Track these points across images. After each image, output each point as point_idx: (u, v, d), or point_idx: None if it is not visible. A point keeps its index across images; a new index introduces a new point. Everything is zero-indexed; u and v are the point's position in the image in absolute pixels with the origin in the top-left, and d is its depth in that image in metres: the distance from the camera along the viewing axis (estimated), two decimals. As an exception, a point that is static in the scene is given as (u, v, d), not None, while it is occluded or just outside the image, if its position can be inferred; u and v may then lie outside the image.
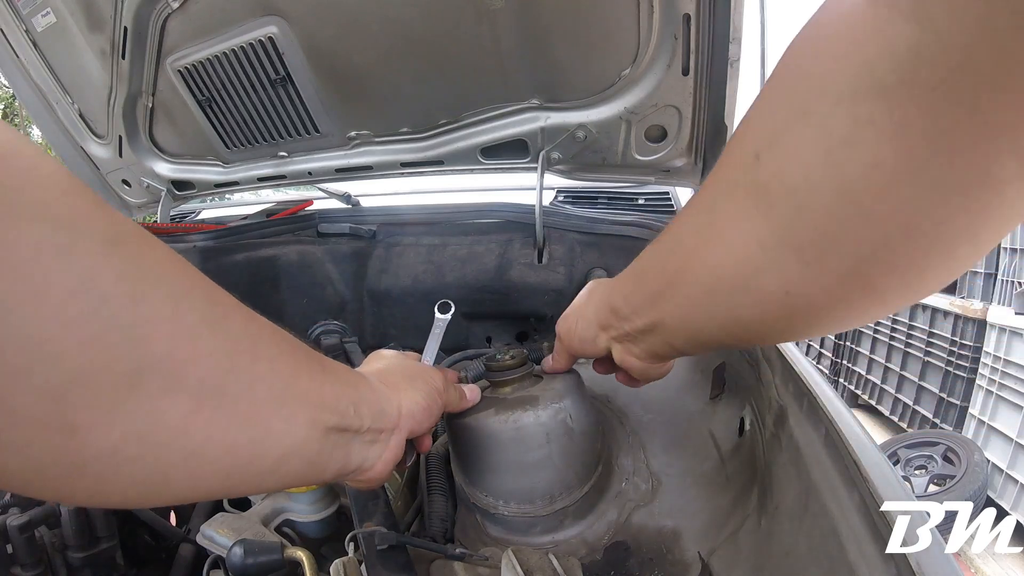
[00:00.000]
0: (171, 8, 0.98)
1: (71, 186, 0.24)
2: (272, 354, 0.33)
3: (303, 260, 1.15)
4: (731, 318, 0.35)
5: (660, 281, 0.39)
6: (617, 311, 0.47)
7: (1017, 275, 2.35)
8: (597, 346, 0.51)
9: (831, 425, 0.40)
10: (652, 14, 0.79)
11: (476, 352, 0.93)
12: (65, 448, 0.23)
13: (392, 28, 0.91)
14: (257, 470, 0.32)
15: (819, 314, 0.30)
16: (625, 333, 0.47)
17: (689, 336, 0.41)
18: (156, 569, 0.76)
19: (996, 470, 2.29)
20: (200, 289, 0.29)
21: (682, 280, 0.37)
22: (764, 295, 0.31)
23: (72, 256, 0.23)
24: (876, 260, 0.26)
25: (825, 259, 0.27)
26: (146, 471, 0.26)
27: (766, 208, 0.28)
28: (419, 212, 1.32)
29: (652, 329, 0.43)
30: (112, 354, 0.24)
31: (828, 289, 0.28)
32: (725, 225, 0.31)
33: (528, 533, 0.59)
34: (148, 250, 0.26)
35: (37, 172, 0.23)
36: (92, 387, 0.23)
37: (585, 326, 0.52)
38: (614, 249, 1.03)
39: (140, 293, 0.25)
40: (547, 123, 1.00)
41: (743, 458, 0.57)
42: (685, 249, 0.36)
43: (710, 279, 0.34)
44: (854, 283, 0.27)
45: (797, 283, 0.29)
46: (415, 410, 0.46)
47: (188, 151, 1.33)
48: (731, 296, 0.33)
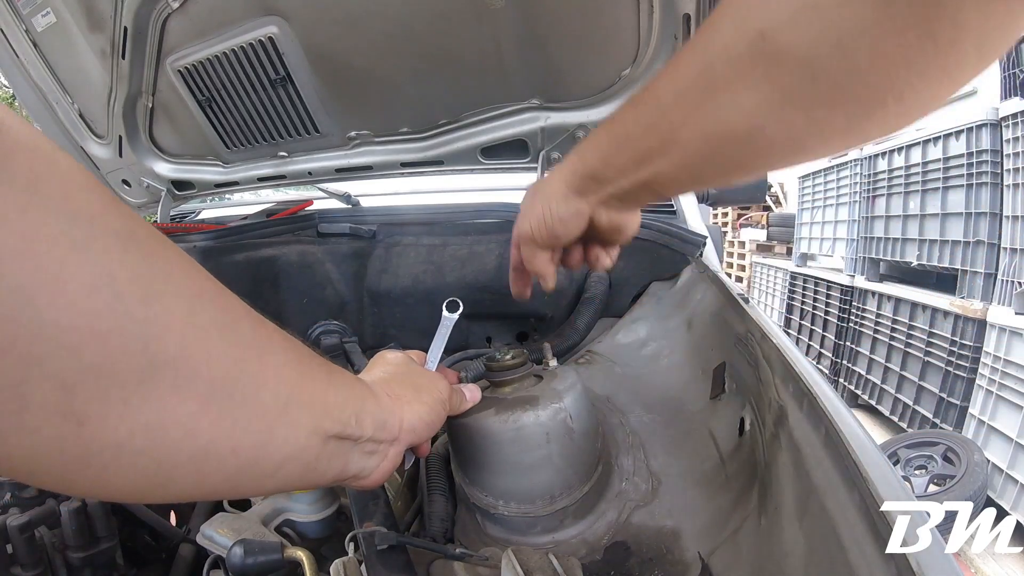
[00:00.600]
0: (171, 8, 0.98)
1: (87, 181, 0.24)
2: (279, 360, 0.33)
3: (303, 260, 1.15)
4: (728, 164, 0.40)
5: (651, 140, 0.42)
6: (597, 175, 0.48)
7: (1017, 275, 2.35)
8: (581, 216, 0.52)
9: (831, 425, 0.40)
10: (652, 14, 0.79)
11: (476, 352, 0.93)
12: (73, 438, 0.23)
13: (392, 28, 0.91)
14: (259, 472, 0.32)
15: (812, 154, 0.37)
16: (610, 195, 0.49)
17: (683, 185, 0.46)
18: (156, 569, 0.76)
19: (996, 470, 2.29)
20: (211, 291, 0.29)
21: (679, 137, 0.40)
22: (769, 145, 0.36)
23: (89, 251, 0.23)
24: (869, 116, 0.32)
25: (832, 117, 0.32)
26: (150, 466, 0.27)
27: (776, 76, 0.32)
28: (419, 212, 1.32)
29: (645, 185, 0.45)
30: (126, 349, 0.24)
31: (827, 139, 0.34)
32: (728, 89, 0.35)
33: (528, 533, 0.59)
34: (161, 249, 0.27)
35: (56, 166, 0.23)
36: (104, 380, 0.24)
37: (559, 202, 0.52)
38: (614, 249, 1.03)
39: (154, 291, 0.25)
40: (547, 123, 1.00)
41: (743, 458, 0.57)
42: (680, 111, 0.39)
43: (714, 135, 0.38)
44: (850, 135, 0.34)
45: (802, 135, 0.35)
46: (417, 424, 0.46)
47: (188, 151, 1.33)
48: (734, 147, 0.38)
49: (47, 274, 0.21)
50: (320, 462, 0.37)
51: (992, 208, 2.51)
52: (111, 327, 0.23)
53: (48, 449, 0.23)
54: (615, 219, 0.52)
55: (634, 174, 0.45)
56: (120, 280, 0.24)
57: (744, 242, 5.93)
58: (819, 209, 4.13)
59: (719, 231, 2.43)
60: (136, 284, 0.25)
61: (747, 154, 0.38)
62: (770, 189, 5.72)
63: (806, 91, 0.32)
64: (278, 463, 0.33)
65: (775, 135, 0.35)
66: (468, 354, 0.92)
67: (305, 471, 0.36)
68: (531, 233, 0.55)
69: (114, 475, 0.26)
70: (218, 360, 0.28)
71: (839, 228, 3.81)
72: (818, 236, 4.14)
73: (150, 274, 0.25)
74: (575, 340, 0.96)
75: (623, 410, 0.75)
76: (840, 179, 3.80)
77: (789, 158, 0.37)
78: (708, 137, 0.38)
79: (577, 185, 0.50)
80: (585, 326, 0.97)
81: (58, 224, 0.22)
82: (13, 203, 0.21)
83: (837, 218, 3.83)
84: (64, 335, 0.22)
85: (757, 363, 0.58)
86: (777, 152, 0.37)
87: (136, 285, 0.24)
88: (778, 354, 0.54)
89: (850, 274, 3.61)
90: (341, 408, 0.38)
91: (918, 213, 2.93)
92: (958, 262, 2.65)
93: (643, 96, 0.42)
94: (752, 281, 5.48)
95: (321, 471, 0.37)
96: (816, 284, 4.04)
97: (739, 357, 0.65)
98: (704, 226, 1.15)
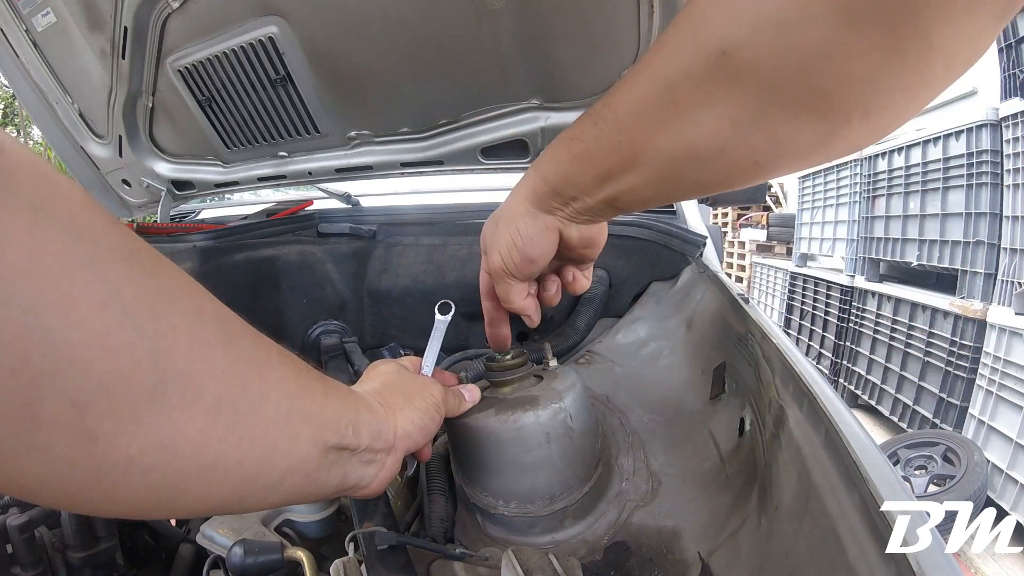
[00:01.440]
0: (171, 8, 0.98)
1: (89, 202, 0.25)
2: (278, 374, 0.33)
3: (303, 260, 1.15)
4: (693, 183, 0.39)
5: (612, 159, 0.41)
6: (561, 193, 0.46)
7: (1017, 275, 2.35)
8: (551, 232, 0.49)
9: (831, 425, 0.40)
10: (652, 14, 0.79)
11: (476, 352, 0.93)
12: (85, 456, 0.23)
13: (392, 28, 0.91)
14: (263, 484, 0.33)
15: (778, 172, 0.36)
16: (576, 211, 0.47)
17: (648, 203, 0.44)
18: (156, 569, 0.76)
19: (996, 470, 2.29)
20: (211, 308, 0.30)
21: (641, 157, 0.39)
22: (733, 165, 0.35)
23: (96, 268, 0.23)
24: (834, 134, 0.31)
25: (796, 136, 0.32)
26: (160, 482, 0.27)
27: (738, 95, 0.32)
28: (419, 212, 1.32)
29: (609, 203, 0.44)
30: (137, 366, 0.24)
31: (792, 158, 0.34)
32: (690, 108, 0.34)
33: (528, 533, 0.58)
34: (162, 267, 0.27)
35: (59, 187, 0.23)
36: (116, 396, 0.23)
37: (526, 222, 0.49)
38: (613, 248, 1.03)
39: (160, 309, 0.26)
40: (547, 123, 1.00)
41: (743, 458, 0.57)
42: (641, 130, 0.38)
43: (676, 155, 0.37)
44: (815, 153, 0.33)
45: (766, 154, 0.34)
46: (411, 430, 0.46)
47: (188, 151, 1.33)
48: (697, 167, 0.37)
49: (57, 292, 0.21)
50: (320, 473, 0.37)
51: (992, 208, 2.51)
52: (121, 343, 0.23)
53: (59, 468, 0.23)
54: (586, 233, 0.50)
55: (597, 192, 0.44)
56: (128, 297, 0.24)
57: (744, 242, 5.93)
58: (819, 209, 4.13)
59: (719, 231, 2.43)
60: (143, 301, 0.25)
61: (711, 173, 0.37)
62: (770, 189, 5.71)
63: (769, 111, 0.31)
64: (282, 474, 0.33)
65: (739, 155, 0.34)
66: (468, 354, 0.92)
67: (306, 482, 0.36)
68: (502, 265, 0.51)
69: (124, 492, 0.26)
70: (223, 375, 0.29)
71: (839, 228, 3.81)
72: (818, 236, 4.14)
73: (155, 291, 0.26)
74: (575, 340, 0.96)
75: (623, 410, 0.75)
76: (840, 179, 3.81)
77: (755, 177, 0.36)
78: (671, 157, 0.37)
79: (540, 203, 0.48)
80: (585, 326, 0.97)
81: (64, 243, 0.22)
82: (21, 222, 0.21)
83: (837, 218, 3.83)
84: (75, 352, 0.22)
85: (757, 363, 0.58)
86: (742, 171, 0.36)
87: (143, 302, 0.25)
88: (778, 354, 0.54)
89: (850, 274, 3.61)
90: (338, 419, 0.38)
91: (918, 213, 2.93)
92: (958, 262, 2.65)
93: (602, 112, 0.41)
94: (752, 281, 5.48)
95: (322, 482, 0.38)
96: (816, 284, 4.04)
97: (739, 357, 0.65)
98: (704, 226, 1.15)
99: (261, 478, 0.32)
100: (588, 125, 0.42)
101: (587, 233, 0.50)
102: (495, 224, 0.51)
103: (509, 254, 0.50)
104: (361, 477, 0.42)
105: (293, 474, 0.34)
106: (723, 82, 0.32)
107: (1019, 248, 2.37)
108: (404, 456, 0.47)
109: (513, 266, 0.50)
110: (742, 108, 0.32)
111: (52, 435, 0.22)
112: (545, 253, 0.50)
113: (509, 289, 0.52)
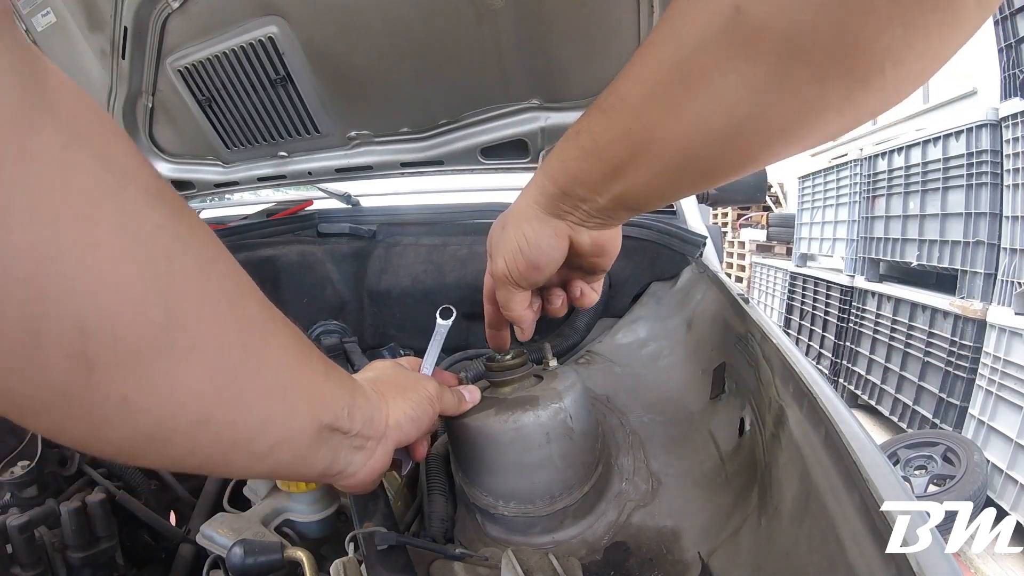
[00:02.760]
0: (171, 8, 0.98)
1: (123, 135, 0.25)
2: (282, 343, 0.33)
3: (303, 260, 1.15)
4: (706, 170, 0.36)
5: (622, 150, 0.38)
6: (570, 194, 0.43)
7: (1017, 275, 2.35)
8: (561, 238, 0.46)
9: (831, 425, 0.40)
10: (652, 14, 0.79)
11: (476, 352, 0.93)
12: (81, 383, 0.23)
13: (392, 28, 0.91)
14: (252, 450, 0.32)
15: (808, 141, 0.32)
16: (587, 214, 0.44)
17: (659, 198, 0.41)
18: (156, 569, 0.76)
19: (996, 470, 2.29)
20: (224, 260, 0.29)
21: (652, 145, 0.36)
22: (758, 137, 0.32)
23: (121, 197, 0.23)
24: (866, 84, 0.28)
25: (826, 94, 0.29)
26: (149, 428, 0.26)
27: (758, 55, 0.28)
28: (419, 212, 1.32)
29: (619, 201, 0.41)
30: (143, 301, 0.24)
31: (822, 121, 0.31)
32: (703, 81, 0.31)
33: (528, 533, 0.58)
34: (183, 212, 0.27)
35: (97, 115, 0.24)
36: (119, 328, 0.23)
37: (534, 227, 0.45)
38: (614, 249, 1.03)
39: (175, 249, 0.25)
40: (547, 123, 1.00)
41: (743, 458, 0.57)
42: (652, 112, 0.34)
43: (690, 138, 0.34)
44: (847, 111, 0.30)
45: (795, 119, 0.31)
46: (402, 420, 0.46)
47: (188, 151, 1.33)
48: (718, 147, 0.33)
49: (79, 211, 0.21)
50: (311, 450, 0.37)
51: (992, 208, 2.51)
52: (132, 274, 0.23)
53: (53, 392, 0.23)
54: (598, 239, 0.47)
55: (607, 190, 0.41)
56: (145, 230, 0.24)
57: (744, 242, 5.94)
58: (819, 209, 4.13)
59: (719, 231, 2.43)
60: (159, 239, 0.25)
61: (733, 152, 0.34)
62: (770, 189, 5.72)
63: (794, 68, 0.28)
64: (272, 444, 0.33)
65: (765, 125, 0.31)
66: (468, 354, 0.92)
67: (294, 458, 0.36)
68: (506, 271, 0.48)
69: (113, 429, 0.25)
70: (227, 331, 0.28)
71: (839, 228, 3.81)
72: (818, 236, 4.14)
73: (172, 231, 0.25)
74: (575, 340, 0.96)
75: (623, 410, 0.75)
76: (840, 179, 3.81)
77: (781, 150, 0.33)
78: (687, 139, 0.34)
79: (549, 207, 0.45)
80: (585, 326, 0.97)
81: (94, 166, 0.22)
82: (56, 138, 0.21)
83: (837, 218, 3.83)
84: (87, 273, 0.22)
85: (757, 363, 0.58)
86: (768, 145, 0.33)
87: (159, 240, 0.25)
88: (778, 354, 0.53)
89: (850, 274, 3.61)
90: (335, 400, 0.38)
91: (918, 213, 2.93)
92: (958, 262, 2.65)
93: (609, 100, 0.38)
94: (752, 281, 5.48)
95: (310, 461, 0.38)
96: (816, 284, 4.04)
97: (739, 357, 0.65)
98: (704, 226, 1.15)
99: (251, 445, 0.32)
100: (596, 114, 0.39)
101: (599, 240, 0.47)
102: (502, 227, 0.49)
103: (514, 260, 0.47)
104: (349, 462, 0.42)
105: (283, 447, 0.34)
106: (739, 43, 0.29)
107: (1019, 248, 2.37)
108: (394, 447, 0.47)
109: (517, 273, 0.48)
110: (762, 71, 0.29)
111: (52, 355, 0.22)
112: (552, 261, 0.47)
113: (510, 297, 0.50)
